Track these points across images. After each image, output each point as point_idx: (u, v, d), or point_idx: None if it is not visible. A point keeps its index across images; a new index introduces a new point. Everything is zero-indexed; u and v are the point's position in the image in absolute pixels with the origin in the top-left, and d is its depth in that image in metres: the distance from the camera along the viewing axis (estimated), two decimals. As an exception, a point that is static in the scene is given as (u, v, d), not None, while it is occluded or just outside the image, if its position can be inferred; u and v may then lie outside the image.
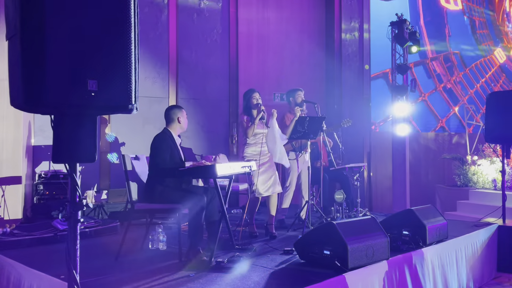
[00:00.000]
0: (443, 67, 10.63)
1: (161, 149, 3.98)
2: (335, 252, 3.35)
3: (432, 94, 10.27)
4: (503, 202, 5.52)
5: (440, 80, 10.48)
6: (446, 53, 10.80)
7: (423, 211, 4.39)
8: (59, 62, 1.98)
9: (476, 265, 4.82)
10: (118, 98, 2.15)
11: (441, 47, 10.73)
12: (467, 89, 11.00)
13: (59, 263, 3.07)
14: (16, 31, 1.98)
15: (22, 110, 2.05)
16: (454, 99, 10.80)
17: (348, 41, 8.91)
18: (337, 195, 5.28)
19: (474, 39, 11.53)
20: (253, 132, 4.78)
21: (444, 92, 10.57)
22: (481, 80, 11.31)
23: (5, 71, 2.48)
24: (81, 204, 2.18)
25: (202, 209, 3.80)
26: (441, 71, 10.57)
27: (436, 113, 10.25)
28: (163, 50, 7.12)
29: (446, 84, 10.57)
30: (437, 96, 10.40)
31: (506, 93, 5.65)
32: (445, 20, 10.91)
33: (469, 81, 11.11)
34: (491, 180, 7.79)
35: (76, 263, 2.18)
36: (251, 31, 8.13)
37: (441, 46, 10.75)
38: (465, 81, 11.02)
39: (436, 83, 10.41)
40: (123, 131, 6.71)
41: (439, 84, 10.44)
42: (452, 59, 10.90)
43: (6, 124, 5.38)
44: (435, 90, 10.38)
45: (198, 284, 3.08)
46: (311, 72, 8.87)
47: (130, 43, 2.17)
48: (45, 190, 5.50)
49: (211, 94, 7.56)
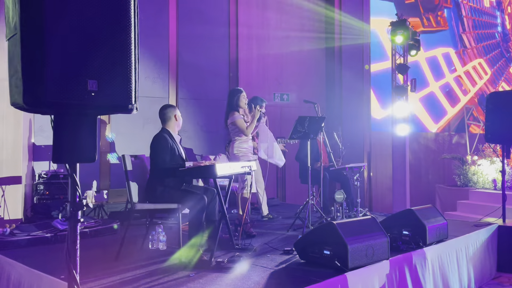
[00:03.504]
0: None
1: (161, 149, 3.98)
2: (335, 252, 3.35)
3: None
4: (503, 202, 5.52)
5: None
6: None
7: (423, 211, 4.39)
8: (59, 62, 1.98)
9: (476, 265, 4.82)
10: (118, 98, 2.15)
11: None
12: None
13: (59, 263, 3.07)
14: (16, 31, 1.98)
15: (22, 110, 2.05)
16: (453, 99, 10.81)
17: (348, 41, 8.91)
18: (337, 195, 5.28)
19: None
20: (251, 131, 5.07)
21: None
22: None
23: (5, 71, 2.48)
24: (81, 204, 2.18)
25: (203, 209, 3.80)
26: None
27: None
28: (163, 50, 7.12)
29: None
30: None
31: (506, 93, 5.66)
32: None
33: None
34: (491, 180, 7.79)
35: (76, 263, 2.18)
36: (251, 32, 8.13)
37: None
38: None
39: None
40: (123, 131, 6.71)
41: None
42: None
43: (6, 124, 5.38)
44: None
45: (198, 284, 3.08)
46: (311, 72, 8.87)
47: (130, 43, 2.17)
48: (45, 190, 5.50)
49: (211, 94, 7.56)
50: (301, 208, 5.30)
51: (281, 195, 8.02)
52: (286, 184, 8.08)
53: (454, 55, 10.87)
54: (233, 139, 5.18)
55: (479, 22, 11.59)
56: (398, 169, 8.13)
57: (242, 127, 5.06)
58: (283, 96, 8.40)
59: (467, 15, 11.31)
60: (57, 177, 5.58)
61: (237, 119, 5.07)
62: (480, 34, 11.58)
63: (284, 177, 8.03)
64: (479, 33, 11.58)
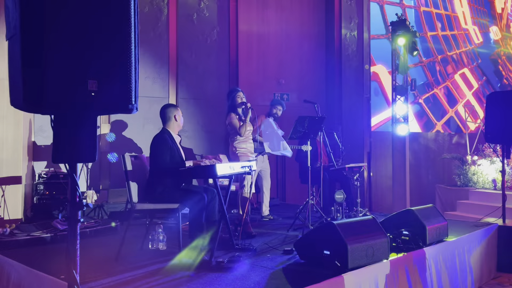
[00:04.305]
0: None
1: (161, 149, 3.98)
2: (335, 252, 3.35)
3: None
4: (503, 202, 5.52)
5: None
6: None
7: (423, 211, 4.39)
8: (59, 62, 1.98)
9: (476, 265, 4.82)
10: (118, 98, 2.15)
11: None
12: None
13: (59, 263, 3.07)
14: (16, 31, 1.98)
15: (22, 110, 2.05)
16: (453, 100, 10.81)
17: (348, 41, 8.92)
18: (337, 195, 5.29)
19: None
20: (246, 130, 5.10)
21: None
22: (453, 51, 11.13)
23: (5, 71, 2.48)
24: (81, 204, 2.18)
25: (203, 209, 3.80)
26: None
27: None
28: (163, 50, 7.12)
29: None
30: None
31: (506, 93, 5.66)
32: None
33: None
34: (491, 180, 7.79)
35: (76, 263, 2.18)
36: (251, 31, 8.13)
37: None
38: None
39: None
40: (123, 131, 6.71)
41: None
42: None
43: (6, 124, 5.38)
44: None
45: (198, 284, 3.08)
46: (311, 72, 8.87)
47: (130, 43, 2.17)
48: (45, 190, 5.50)
49: (211, 94, 7.56)
50: (301, 208, 5.30)
51: (281, 195, 8.02)
52: (286, 184, 8.08)
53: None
54: (232, 139, 5.22)
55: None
56: (398, 169, 8.13)
57: (235, 127, 5.10)
58: (283, 96, 8.40)
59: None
60: (57, 177, 5.58)
61: (232, 119, 5.12)
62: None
63: (284, 177, 8.03)
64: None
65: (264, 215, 5.69)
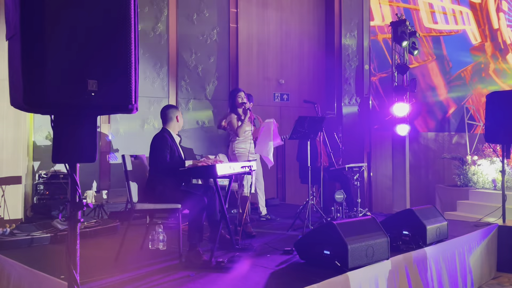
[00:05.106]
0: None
1: (161, 149, 3.98)
2: (335, 252, 3.35)
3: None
4: (503, 202, 5.52)
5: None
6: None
7: (423, 211, 4.39)
8: (59, 62, 1.98)
9: (476, 265, 4.82)
10: (118, 98, 2.14)
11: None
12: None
13: (59, 263, 3.07)
14: (16, 31, 1.98)
15: (22, 110, 2.05)
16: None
17: (348, 41, 8.91)
18: (337, 195, 5.29)
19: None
20: (243, 131, 5.12)
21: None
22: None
23: (5, 71, 2.48)
24: (81, 204, 2.18)
25: (203, 209, 3.79)
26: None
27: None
28: (163, 50, 7.12)
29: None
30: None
31: (506, 93, 5.65)
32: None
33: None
34: (491, 180, 7.78)
35: (76, 263, 2.18)
36: (251, 31, 8.13)
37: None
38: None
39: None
40: (123, 131, 6.71)
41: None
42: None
43: (6, 123, 5.38)
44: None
45: (198, 284, 3.08)
46: (311, 72, 8.87)
47: (130, 43, 2.16)
48: (45, 190, 5.50)
49: (211, 94, 7.56)
50: (301, 208, 5.30)
51: (281, 195, 8.02)
52: (286, 184, 8.08)
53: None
54: (231, 140, 5.25)
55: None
56: (398, 169, 8.12)
57: (233, 127, 5.12)
58: (283, 96, 8.40)
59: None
60: (57, 177, 5.58)
61: (231, 119, 5.14)
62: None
63: (284, 177, 8.04)
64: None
65: (262, 215, 5.72)
